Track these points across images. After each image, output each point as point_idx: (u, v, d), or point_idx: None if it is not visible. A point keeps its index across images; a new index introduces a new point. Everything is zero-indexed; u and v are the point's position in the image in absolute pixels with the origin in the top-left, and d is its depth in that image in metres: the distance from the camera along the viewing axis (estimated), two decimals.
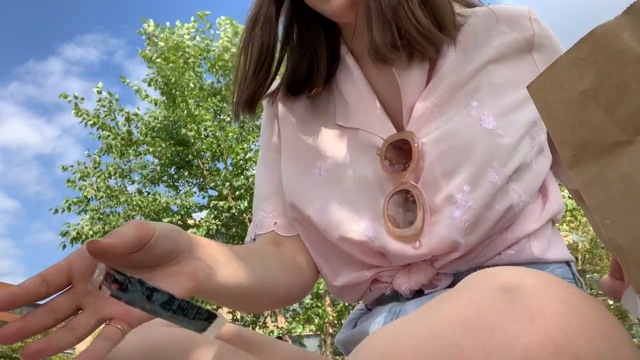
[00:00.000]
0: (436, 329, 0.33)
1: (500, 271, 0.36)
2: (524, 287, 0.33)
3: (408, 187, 0.70)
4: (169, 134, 9.83)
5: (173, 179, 10.34)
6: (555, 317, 0.31)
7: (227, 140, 9.54)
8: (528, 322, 0.31)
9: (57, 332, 0.40)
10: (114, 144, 9.49)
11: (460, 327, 0.32)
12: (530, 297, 0.32)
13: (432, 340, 0.32)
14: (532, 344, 0.30)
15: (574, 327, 0.31)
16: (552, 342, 0.30)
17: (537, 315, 0.31)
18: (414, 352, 0.32)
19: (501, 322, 0.31)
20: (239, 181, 9.24)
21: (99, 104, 9.44)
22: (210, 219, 9.48)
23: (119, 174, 9.71)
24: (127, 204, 9.43)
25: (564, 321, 0.31)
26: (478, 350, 0.30)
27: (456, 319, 0.32)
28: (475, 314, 0.32)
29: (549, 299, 0.32)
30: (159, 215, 9.46)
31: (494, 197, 0.67)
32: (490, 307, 0.32)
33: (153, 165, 10.12)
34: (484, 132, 0.68)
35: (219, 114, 9.99)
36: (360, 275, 0.76)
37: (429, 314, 0.35)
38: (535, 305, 0.32)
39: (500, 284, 0.34)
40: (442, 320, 0.33)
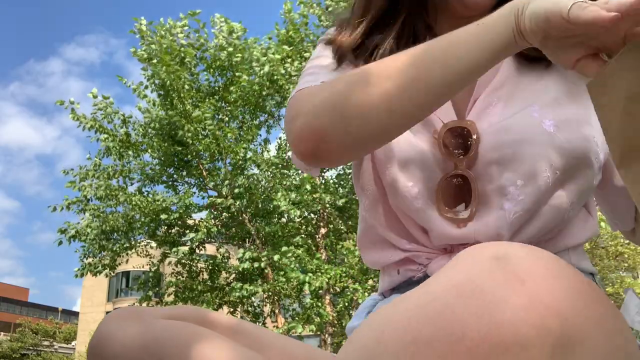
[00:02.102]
0: (431, 295, 0.34)
1: (492, 244, 0.37)
2: (515, 255, 0.35)
3: (463, 172, 0.71)
4: (168, 134, 9.83)
5: (172, 179, 10.34)
6: (543, 281, 0.33)
7: (226, 140, 9.54)
8: (518, 286, 0.32)
9: None
10: (113, 145, 9.49)
11: (453, 292, 0.33)
12: (521, 264, 0.34)
13: (426, 305, 0.34)
14: (521, 306, 0.31)
15: (561, 291, 0.32)
16: (541, 304, 0.31)
17: (526, 279, 0.33)
18: (409, 318, 0.34)
19: (492, 286, 0.32)
20: (239, 181, 9.24)
21: (96, 108, 9.44)
22: (210, 219, 9.48)
23: (118, 173, 9.71)
24: (127, 203, 9.44)
25: (552, 285, 0.33)
26: (470, 312, 0.31)
27: (450, 285, 0.34)
28: (467, 280, 0.33)
29: (538, 266, 0.34)
30: (158, 215, 9.46)
31: (545, 195, 0.69)
32: (481, 273, 0.34)
33: (152, 166, 10.13)
34: (544, 133, 0.69)
35: (217, 114, 9.99)
36: (393, 254, 0.77)
37: (426, 285, 0.36)
38: (525, 270, 0.33)
39: (492, 253, 0.35)
40: (436, 287, 0.35)
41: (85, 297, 32.23)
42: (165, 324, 0.65)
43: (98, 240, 9.50)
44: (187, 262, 10.15)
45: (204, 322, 0.70)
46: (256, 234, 9.53)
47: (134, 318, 0.67)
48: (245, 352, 0.62)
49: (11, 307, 46.62)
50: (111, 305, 29.90)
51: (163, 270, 11.81)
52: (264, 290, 8.84)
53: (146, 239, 10.39)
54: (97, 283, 28.80)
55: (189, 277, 10.13)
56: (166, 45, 9.13)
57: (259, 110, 10.15)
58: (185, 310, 0.71)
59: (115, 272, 10.47)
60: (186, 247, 9.88)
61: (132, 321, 0.66)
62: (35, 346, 34.69)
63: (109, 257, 9.80)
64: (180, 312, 0.71)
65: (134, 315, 0.68)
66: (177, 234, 10.21)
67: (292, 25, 9.30)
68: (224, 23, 9.61)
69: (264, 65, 9.03)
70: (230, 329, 0.72)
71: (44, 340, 36.15)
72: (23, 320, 38.84)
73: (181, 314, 0.70)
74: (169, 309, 0.71)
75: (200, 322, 0.69)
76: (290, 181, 9.10)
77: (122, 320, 0.67)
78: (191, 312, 0.71)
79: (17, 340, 33.97)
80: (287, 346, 0.74)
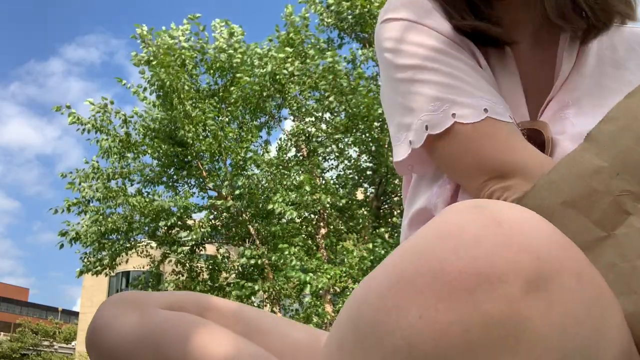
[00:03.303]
0: (416, 239, 0.37)
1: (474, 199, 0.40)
2: (494, 204, 0.37)
3: None
4: (168, 135, 9.84)
5: (172, 179, 10.35)
6: (519, 225, 0.35)
7: (226, 140, 9.55)
8: (494, 227, 0.34)
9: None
10: (113, 146, 9.49)
11: (434, 233, 0.36)
12: (499, 211, 0.36)
13: (410, 247, 0.36)
14: (497, 243, 0.33)
15: (536, 234, 0.35)
16: (516, 242, 0.33)
17: (503, 222, 0.35)
18: (395, 260, 0.36)
19: (470, 227, 0.35)
20: (239, 181, 9.24)
21: (94, 111, 9.43)
22: (209, 219, 9.48)
23: (118, 175, 9.72)
24: (127, 204, 9.44)
25: (528, 229, 0.35)
26: (448, 249, 0.34)
27: (432, 229, 0.37)
28: (448, 223, 0.36)
29: (515, 213, 0.36)
30: (158, 215, 9.46)
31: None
32: (461, 217, 0.36)
33: (152, 167, 10.13)
34: None
35: (218, 115, 9.99)
36: None
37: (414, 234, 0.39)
38: (502, 215, 0.35)
39: (472, 203, 0.38)
40: (421, 232, 0.37)
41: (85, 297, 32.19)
42: (164, 315, 0.64)
43: (98, 242, 9.51)
44: (187, 262, 10.15)
45: (204, 308, 0.69)
46: (256, 235, 9.54)
47: (132, 306, 0.66)
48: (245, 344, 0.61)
49: (11, 307, 46.60)
50: None
51: (163, 270, 11.81)
52: (264, 289, 8.84)
53: (146, 239, 10.39)
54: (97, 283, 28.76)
55: (189, 277, 10.13)
56: (167, 47, 9.14)
57: (260, 111, 10.16)
58: (185, 296, 0.70)
59: (115, 272, 10.48)
60: (186, 247, 9.88)
61: (131, 310, 0.65)
62: (35, 346, 34.67)
63: (109, 257, 9.81)
64: (180, 298, 0.70)
65: (132, 302, 0.67)
66: (177, 234, 10.22)
67: (292, 27, 9.31)
68: (224, 27, 9.63)
69: (266, 65, 9.05)
70: (231, 313, 0.71)
71: (44, 341, 36.13)
72: (23, 320, 38.82)
73: (181, 300, 0.69)
74: (169, 295, 0.70)
75: (200, 307, 0.69)
76: (291, 181, 9.10)
77: (120, 309, 0.66)
78: (191, 298, 0.70)
79: (17, 340, 33.95)
80: (289, 330, 0.73)
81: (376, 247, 8.29)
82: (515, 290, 0.32)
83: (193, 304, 0.69)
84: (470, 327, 0.32)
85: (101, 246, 9.69)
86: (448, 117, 0.64)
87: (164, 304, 0.67)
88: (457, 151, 0.64)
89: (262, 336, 0.70)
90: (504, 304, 0.32)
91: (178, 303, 0.68)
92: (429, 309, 0.33)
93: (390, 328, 0.34)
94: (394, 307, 0.34)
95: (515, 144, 0.63)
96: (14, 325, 40.21)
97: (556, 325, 0.33)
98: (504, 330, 0.32)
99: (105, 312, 0.66)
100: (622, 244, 0.43)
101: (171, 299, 0.69)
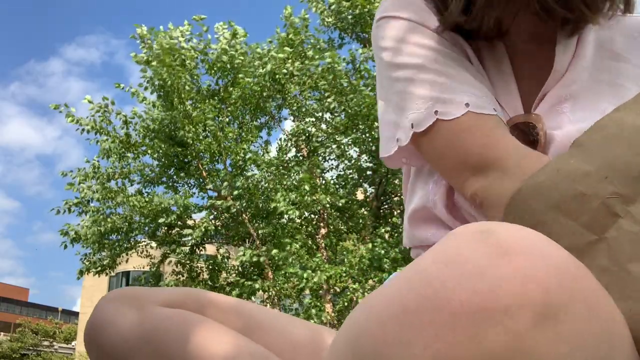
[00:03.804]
0: (418, 267, 0.36)
1: (477, 223, 0.38)
2: (499, 230, 0.35)
3: None
4: (167, 135, 9.83)
5: (172, 180, 10.34)
6: (526, 255, 0.33)
7: (226, 140, 9.55)
8: (500, 257, 0.33)
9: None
10: (113, 147, 9.48)
11: (438, 263, 0.35)
12: (504, 238, 0.34)
13: (413, 276, 0.35)
14: (502, 274, 0.32)
15: (544, 264, 0.33)
16: (522, 274, 0.32)
17: (508, 251, 0.33)
18: (398, 289, 0.35)
19: (474, 257, 0.33)
20: (239, 181, 9.24)
21: (93, 111, 9.41)
22: (209, 219, 9.48)
23: (118, 175, 9.72)
24: (127, 205, 9.44)
25: (535, 258, 0.33)
26: (452, 281, 0.33)
27: (435, 257, 0.35)
28: (451, 252, 0.35)
29: (521, 240, 0.34)
30: (158, 215, 9.46)
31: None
32: (465, 245, 0.34)
33: (152, 167, 10.13)
34: None
35: (218, 115, 9.99)
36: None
37: (416, 259, 0.38)
38: (508, 244, 0.34)
39: (476, 228, 0.36)
40: (424, 260, 0.36)
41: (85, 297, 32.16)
42: (163, 313, 0.63)
43: (98, 242, 9.51)
44: (187, 263, 10.15)
45: (203, 304, 0.68)
46: (256, 235, 9.53)
47: (131, 302, 0.66)
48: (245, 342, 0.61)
49: (11, 307, 46.56)
50: None
51: (163, 270, 11.81)
52: (264, 289, 8.84)
53: (146, 239, 10.39)
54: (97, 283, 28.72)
55: (189, 277, 10.13)
56: (168, 46, 9.13)
57: (260, 112, 10.15)
58: (185, 293, 0.70)
59: (115, 272, 10.47)
60: (186, 247, 9.88)
61: (130, 306, 0.65)
62: (35, 346, 34.64)
63: (109, 257, 9.81)
64: (180, 294, 0.69)
65: (132, 299, 0.67)
66: (177, 234, 10.21)
67: (292, 28, 9.31)
68: (226, 29, 9.62)
69: (266, 64, 9.04)
70: (231, 310, 0.70)
71: (44, 341, 36.09)
72: (23, 320, 38.79)
73: (181, 296, 0.69)
74: (168, 292, 0.69)
75: (199, 304, 0.68)
76: (290, 181, 9.10)
77: (120, 305, 0.66)
78: (191, 294, 0.70)
79: (17, 340, 33.91)
80: (288, 326, 0.72)
81: (376, 246, 8.29)
82: (521, 323, 0.31)
83: (193, 301, 0.68)
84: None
85: (101, 246, 9.68)
86: (431, 114, 0.65)
87: (164, 301, 0.67)
88: (440, 147, 0.65)
89: (262, 333, 0.69)
90: (510, 338, 0.31)
91: (178, 300, 0.68)
92: (433, 343, 0.32)
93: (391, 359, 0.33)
94: (395, 339, 0.33)
95: (496, 137, 0.62)
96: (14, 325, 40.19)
97: (565, 357, 0.31)
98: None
99: (104, 308, 0.66)
100: (613, 247, 0.43)
101: (171, 296, 0.68)
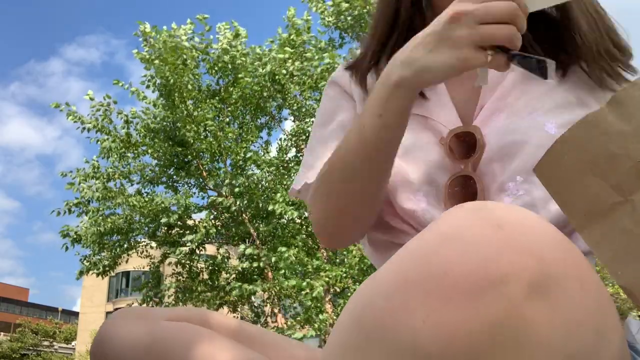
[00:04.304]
0: (419, 242, 0.37)
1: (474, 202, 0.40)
2: (493, 206, 0.37)
3: (468, 173, 0.73)
4: (168, 134, 9.84)
5: (172, 179, 10.35)
6: (521, 226, 0.35)
7: (226, 140, 9.55)
8: (494, 230, 0.35)
9: None
10: (113, 146, 9.48)
11: (437, 237, 0.36)
12: (499, 213, 0.36)
13: (414, 250, 0.37)
14: (499, 246, 0.34)
15: (538, 236, 0.35)
16: (517, 244, 0.34)
17: (503, 224, 0.35)
18: (400, 263, 0.37)
19: (470, 230, 0.35)
20: (239, 181, 9.24)
21: (94, 109, 9.43)
22: (209, 219, 9.48)
23: (118, 175, 9.72)
24: (126, 205, 9.44)
25: (529, 231, 0.35)
26: (451, 253, 0.34)
27: (435, 232, 0.37)
28: (449, 227, 0.36)
29: (515, 215, 0.36)
30: (158, 215, 9.46)
31: (545, 196, 0.69)
32: (462, 220, 0.36)
33: (152, 167, 10.13)
34: (545, 135, 0.70)
35: (218, 115, 9.99)
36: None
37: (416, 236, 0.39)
38: (502, 218, 0.35)
39: (471, 206, 0.38)
40: (424, 235, 0.38)
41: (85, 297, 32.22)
42: (169, 324, 0.66)
43: (98, 243, 9.51)
44: (187, 263, 10.15)
45: (206, 324, 0.70)
46: (256, 234, 9.54)
47: (138, 318, 0.68)
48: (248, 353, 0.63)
49: (11, 307, 46.64)
50: (111, 306, 29.90)
51: (163, 271, 11.81)
52: (264, 289, 8.84)
53: (146, 239, 10.39)
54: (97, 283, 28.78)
55: (189, 278, 10.13)
56: (173, 45, 9.14)
57: (260, 112, 10.16)
58: (188, 312, 0.73)
59: (115, 272, 10.48)
60: (186, 248, 9.88)
61: (137, 321, 0.67)
62: (35, 346, 34.70)
63: (109, 258, 9.81)
64: (184, 313, 0.72)
65: (139, 315, 0.69)
66: (177, 234, 10.22)
67: (294, 29, 9.31)
68: (228, 29, 9.63)
69: (265, 65, 9.05)
70: (232, 330, 0.73)
71: (44, 341, 36.16)
72: (23, 320, 38.86)
73: (184, 315, 0.71)
74: (173, 311, 0.72)
75: (202, 323, 0.70)
76: (291, 181, 9.10)
77: (127, 320, 0.68)
78: (194, 314, 0.72)
79: (17, 340, 33.98)
80: (289, 348, 0.75)
81: None
82: (517, 291, 0.32)
83: (197, 319, 0.71)
84: (474, 330, 0.32)
85: (101, 247, 9.68)
86: (306, 177, 0.85)
87: (169, 318, 0.69)
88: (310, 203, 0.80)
89: (262, 349, 0.72)
90: (507, 305, 0.32)
91: (183, 317, 0.70)
92: (435, 312, 0.33)
93: (395, 329, 0.34)
94: (399, 309, 0.34)
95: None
96: (14, 325, 40.25)
97: (559, 330, 0.33)
98: (507, 333, 0.32)
99: (111, 324, 0.68)
100: (638, 210, 0.42)
101: (175, 314, 0.71)
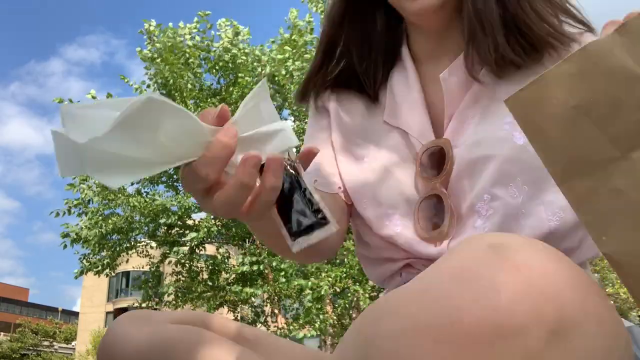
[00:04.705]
0: (428, 282, 0.35)
1: (488, 234, 0.38)
2: (510, 244, 0.35)
3: (438, 192, 0.71)
4: None
5: (172, 179, 10.34)
6: (539, 268, 0.33)
7: None
8: (513, 272, 0.32)
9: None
10: None
11: (450, 278, 0.34)
12: (516, 252, 0.34)
13: (424, 292, 0.34)
14: (517, 291, 0.32)
15: (557, 278, 0.33)
16: (536, 290, 0.32)
17: (521, 266, 0.33)
18: (407, 305, 0.34)
19: (488, 273, 0.33)
20: None
21: None
22: (210, 218, 9.48)
23: None
24: (126, 205, 9.43)
25: (548, 273, 0.33)
26: (466, 297, 0.32)
27: (447, 272, 0.34)
28: (463, 267, 0.34)
29: (534, 254, 0.34)
30: (158, 215, 9.46)
31: (516, 210, 0.66)
32: (477, 260, 0.34)
33: None
34: (513, 146, 0.67)
35: None
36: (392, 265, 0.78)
37: (424, 273, 0.37)
38: (520, 258, 0.33)
39: (487, 242, 0.36)
40: (434, 275, 0.35)
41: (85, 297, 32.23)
42: (173, 327, 0.66)
43: (98, 243, 9.50)
44: (187, 263, 10.14)
45: (208, 327, 0.71)
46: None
47: (144, 321, 0.69)
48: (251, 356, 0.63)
49: (11, 307, 46.62)
50: (111, 306, 29.90)
51: (163, 270, 11.80)
52: (264, 290, 8.84)
53: (146, 239, 10.39)
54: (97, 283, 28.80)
55: (188, 278, 10.12)
56: (171, 44, 9.13)
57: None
58: (191, 316, 0.73)
59: (115, 272, 10.47)
60: (186, 247, 9.87)
61: (142, 325, 0.68)
62: (35, 346, 34.69)
63: (109, 258, 9.80)
64: (187, 317, 0.73)
65: (144, 318, 0.70)
66: (177, 234, 10.21)
67: (296, 29, 9.30)
68: (229, 26, 9.61)
69: (265, 66, 9.04)
70: (235, 333, 0.73)
71: (44, 341, 36.15)
72: (23, 320, 38.83)
73: (187, 319, 0.72)
74: (177, 314, 0.74)
75: (203, 327, 0.71)
76: None
77: (133, 324, 0.69)
78: (196, 318, 0.73)
79: (17, 340, 33.96)
80: (291, 351, 0.75)
81: None
82: (535, 342, 0.31)
83: (199, 323, 0.72)
84: None
85: (101, 247, 9.67)
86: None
87: (173, 321, 0.70)
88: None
89: (264, 352, 0.72)
90: (524, 356, 0.30)
91: (186, 320, 0.71)
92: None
93: None
94: (406, 356, 0.32)
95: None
96: (14, 325, 40.23)
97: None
98: None
99: (117, 327, 0.69)
100: (636, 170, 0.35)
101: (179, 317, 0.72)
